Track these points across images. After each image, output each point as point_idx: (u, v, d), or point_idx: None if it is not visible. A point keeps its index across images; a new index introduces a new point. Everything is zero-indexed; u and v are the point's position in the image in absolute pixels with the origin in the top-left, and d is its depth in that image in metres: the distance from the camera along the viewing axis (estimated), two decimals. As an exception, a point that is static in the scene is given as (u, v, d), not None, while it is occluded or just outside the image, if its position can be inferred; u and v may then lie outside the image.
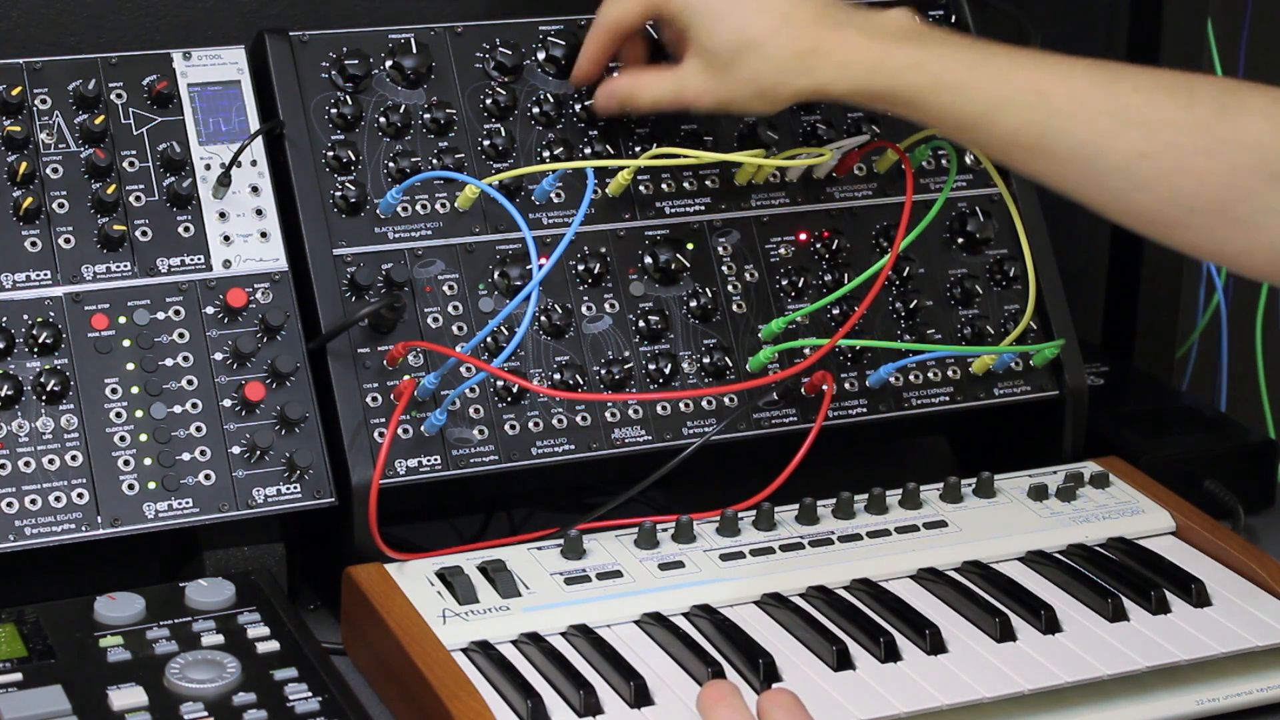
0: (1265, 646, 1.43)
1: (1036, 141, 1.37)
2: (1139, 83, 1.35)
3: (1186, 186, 1.32)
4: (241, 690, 1.31)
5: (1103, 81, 1.36)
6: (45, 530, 1.42)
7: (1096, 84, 1.36)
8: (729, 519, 1.51)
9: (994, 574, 1.49)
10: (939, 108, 1.42)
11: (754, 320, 1.61)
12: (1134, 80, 1.35)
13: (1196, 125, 1.32)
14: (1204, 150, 1.32)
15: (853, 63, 1.44)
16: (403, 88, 1.58)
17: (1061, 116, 1.36)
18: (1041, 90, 1.37)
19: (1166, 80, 1.35)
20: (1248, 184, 1.31)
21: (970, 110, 1.40)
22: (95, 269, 1.48)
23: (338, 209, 1.54)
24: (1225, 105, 1.32)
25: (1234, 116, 1.31)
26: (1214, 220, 1.33)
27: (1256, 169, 1.31)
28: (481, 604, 1.41)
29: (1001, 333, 1.68)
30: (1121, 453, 1.67)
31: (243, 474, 1.47)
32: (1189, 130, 1.32)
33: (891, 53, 1.43)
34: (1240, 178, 1.31)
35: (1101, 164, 1.35)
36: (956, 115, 1.41)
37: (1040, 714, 1.37)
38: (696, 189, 1.63)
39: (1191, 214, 1.33)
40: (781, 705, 1.28)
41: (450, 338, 1.53)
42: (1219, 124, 1.31)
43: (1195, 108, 1.32)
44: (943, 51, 1.42)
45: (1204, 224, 1.33)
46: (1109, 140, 1.34)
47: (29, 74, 1.50)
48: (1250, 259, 1.34)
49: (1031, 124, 1.37)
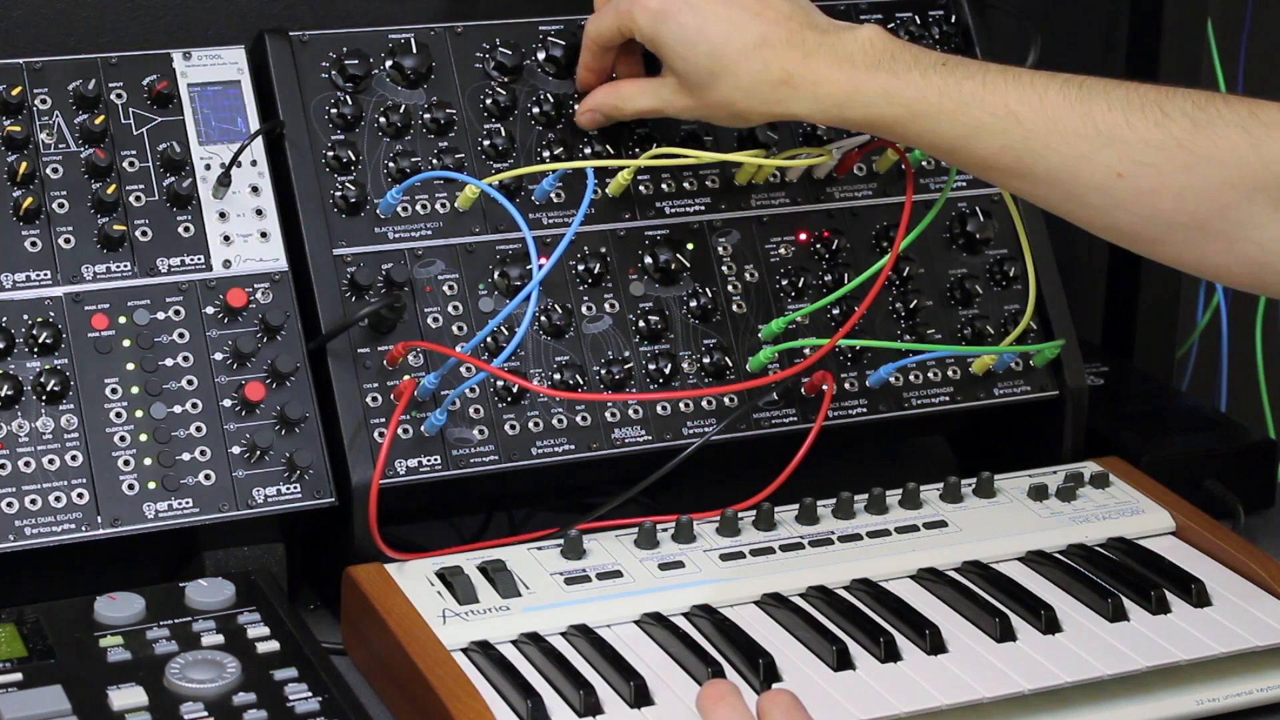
0: (1265, 646, 1.43)
1: (1014, 164, 1.38)
2: (1111, 100, 1.35)
3: (1165, 204, 1.33)
4: (241, 690, 1.31)
5: (1075, 100, 1.36)
6: (45, 530, 1.42)
7: (1069, 104, 1.36)
8: (729, 519, 1.51)
9: (994, 574, 1.49)
10: (915, 134, 1.42)
11: (754, 320, 1.61)
12: (1106, 98, 1.35)
13: (1171, 142, 1.32)
14: (1180, 167, 1.32)
15: (825, 95, 1.44)
16: (403, 88, 1.58)
17: (1036, 140, 1.36)
18: (1015, 114, 1.37)
19: (1139, 96, 1.34)
20: (1225, 198, 1.31)
21: (946, 136, 1.40)
22: (95, 269, 1.48)
23: (338, 209, 1.54)
24: (1198, 120, 1.32)
25: (1208, 131, 1.31)
26: (1194, 235, 1.33)
27: (1233, 183, 1.31)
28: (481, 604, 1.41)
29: (1001, 333, 1.68)
30: (1121, 453, 1.67)
31: (243, 474, 1.47)
32: (1164, 148, 1.32)
33: (863, 83, 1.42)
34: (1217, 193, 1.31)
35: (1080, 184, 1.36)
36: (932, 141, 1.42)
37: (1040, 714, 1.37)
38: (696, 189, 1.63)
39: (1172, 230, 1.34)
40: (781, 705, 1.28)
41: (450, 338, 1.53)
42: (1194, 139, 1.31)
43: (1169, 124, 1.32)
44: (913, 78, 1.41)
45: (1184, 239, 1.34)
46: (1085, 161, 1.35)
47: (29, 74, 1.50)
48: (1230, 271, 1.34)
49: (1007, 148, 1.37)
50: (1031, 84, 1.38)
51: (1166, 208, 1.33)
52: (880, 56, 1.43)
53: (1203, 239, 1.33)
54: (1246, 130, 1.31)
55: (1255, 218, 1.31)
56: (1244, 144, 1.30)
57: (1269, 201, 1.31)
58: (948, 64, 1.41)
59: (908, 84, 1.41)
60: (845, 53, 1.44)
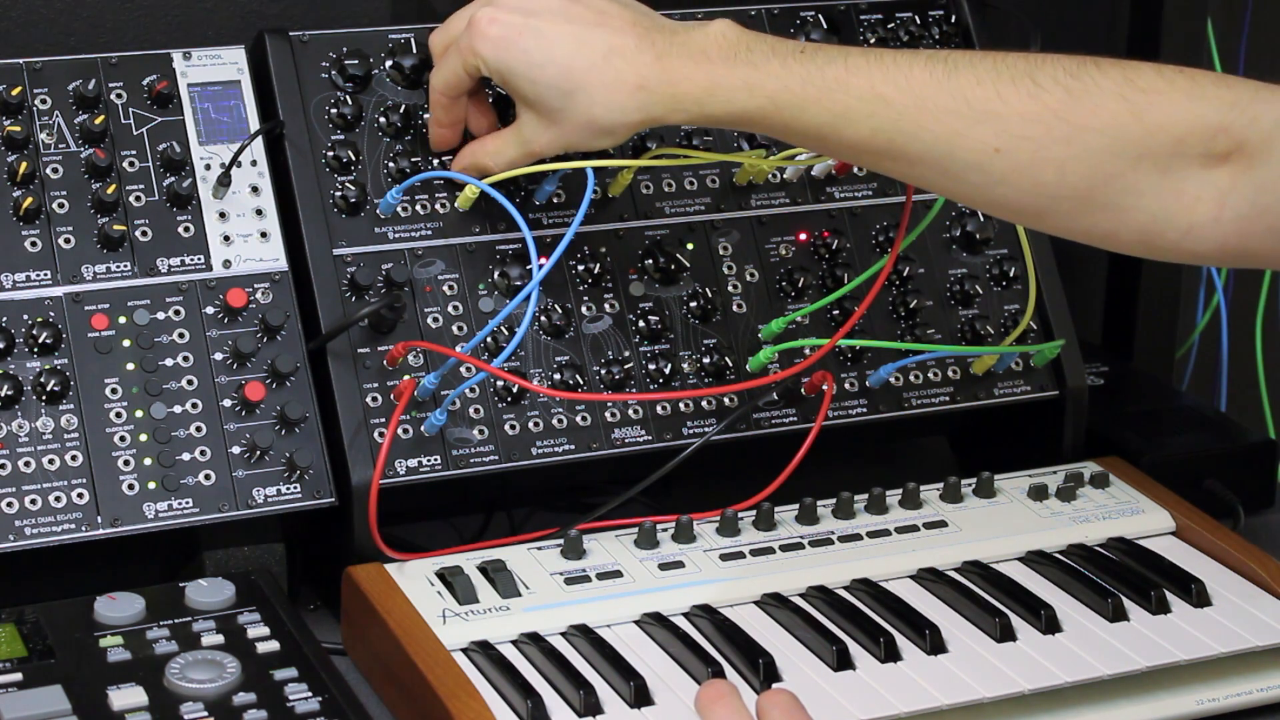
0: (1265, 646, 1.43)
1: (886, 147, 1.35)
2: (980, 74, 1.32)
3: (1047, 176, 1.30)
4: (241, 690, 1.31)
5: (943, 77, 1.32)
6: (45, 530, 1.42)
7: (937, 81, 1.32)
8: (729, 519, 1.51)
9: (994, 574, 1.49)
10: (781, 124, 1.38)
11: (754, 320, 1.61)
12: (974, 72, 1.32)
13: (1048, 114, 1.29)
14: (1060, 139, 1.29)
15: (683, 94, 1.40)
16: (403, 88, 1.58)
17: (907, 120, 1.33)
18: (882, 95, 1.33)
19: (1009, 68, 1.31)
20: (1110, 168, 1.29)
21: (813, 124, 1.36)
22: (95, 269, 1.48)
23: (338, 209, 1.54)
24: (1074, 89, 1.29)
25: (1085, 100, 1.29)
26: (1079, 206, 1.31)
27: (1116, 152, 1.29)
28: (481, 604, 1.41)
29: (1001, 333, 1.68)
30: (1121, 453, 1.67)
31: (243, 474, 1.47)
32: (1041, 120, 1.29)
33: (721, 78, 1.39)
34: (1101, 162, 1.29)
35: (956, 162, 1.33)
36: (800, 130, 1.38)
37: (1040, 714, 1.37)
38: (696, 189, 1.63)
39: (1056, 201, 1.31)
40: (780, 705, 1.28)
41: (450, 338, 1.53)
42: (1071, 110, 1.29)
43: (1043, 95, 1.30)
44: (773, 68, 1.37)
45: (1070, 209, 1.31)
46: (959, 139, 1.32)
47: (29, 74, 1.50)
48: (1119, 238, 1.32)
49: (878, 131, 1.34)
50: (895, 63, 1.34)
51: (1049, 180, 1.30)
52: (736, 49, 1.39)
53: (1089, 209, 1.31)
54: (1125, 98, 1.28)
55: (1140, 185, 1.29)
56: (1124, 112, 1.28)
57: (1155, 168, 1.28)
58: (806, 50, 1.37)
59: (767, 74, 1.37)
60: (698, 49, 1.40)
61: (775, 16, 1.68)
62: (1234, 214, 1.28)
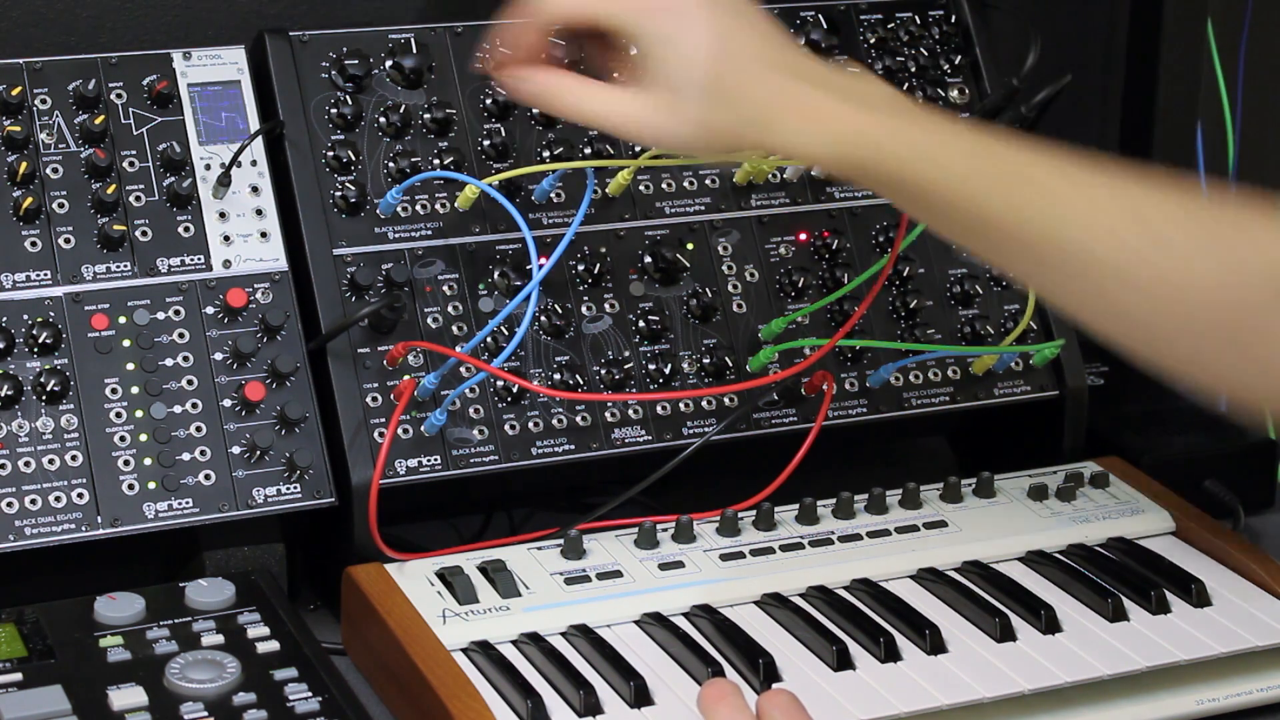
0: (1265, 646, 1.43)
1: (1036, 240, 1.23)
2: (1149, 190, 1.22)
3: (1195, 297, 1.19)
4: (241, 690, 1.31)
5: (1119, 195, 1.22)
6: (45, 530, 1.42)
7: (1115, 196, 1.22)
8: (729, 519, 1.51)
9: (994, 574, 1.49)
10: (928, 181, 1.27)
11: (754, 320, 1.61)
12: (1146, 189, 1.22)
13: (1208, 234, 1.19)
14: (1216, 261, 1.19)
15: (828, 131, 1.28)
16: (403, 88, 1.58)
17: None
18: (1054, 194, 1.22)
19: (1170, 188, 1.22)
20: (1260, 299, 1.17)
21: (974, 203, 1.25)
22: (95, 269, 1.48)
23: (338, 209, 1.54)
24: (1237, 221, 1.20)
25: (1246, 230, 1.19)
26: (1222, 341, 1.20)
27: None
28: (481, 604, 1.41)
29: (1001, 333, 1.68)
30: (1122, 453, 1.67)
31: (243, 474, 1.47)
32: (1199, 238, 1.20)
33: (870, 125, 1.27)
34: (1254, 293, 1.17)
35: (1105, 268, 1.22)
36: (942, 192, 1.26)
37: (1040, 714, 1.37)
38: (696, 189, 1.63)
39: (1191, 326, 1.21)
40: (780, 705, 1.28)
41: (450, 338, 1.53)
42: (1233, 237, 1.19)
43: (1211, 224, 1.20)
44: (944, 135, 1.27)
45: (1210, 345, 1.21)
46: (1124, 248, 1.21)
47: (29, 74, 1.50)
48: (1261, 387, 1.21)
49: (1032, 221, 1.23)
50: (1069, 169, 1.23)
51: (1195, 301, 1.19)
52: (899, 107, 1.30)
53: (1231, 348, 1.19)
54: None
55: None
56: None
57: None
58: (958, 127, 1.28)
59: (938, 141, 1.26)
60: (858, 95, 1.30)
61: (775, 17, 1.67)
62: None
